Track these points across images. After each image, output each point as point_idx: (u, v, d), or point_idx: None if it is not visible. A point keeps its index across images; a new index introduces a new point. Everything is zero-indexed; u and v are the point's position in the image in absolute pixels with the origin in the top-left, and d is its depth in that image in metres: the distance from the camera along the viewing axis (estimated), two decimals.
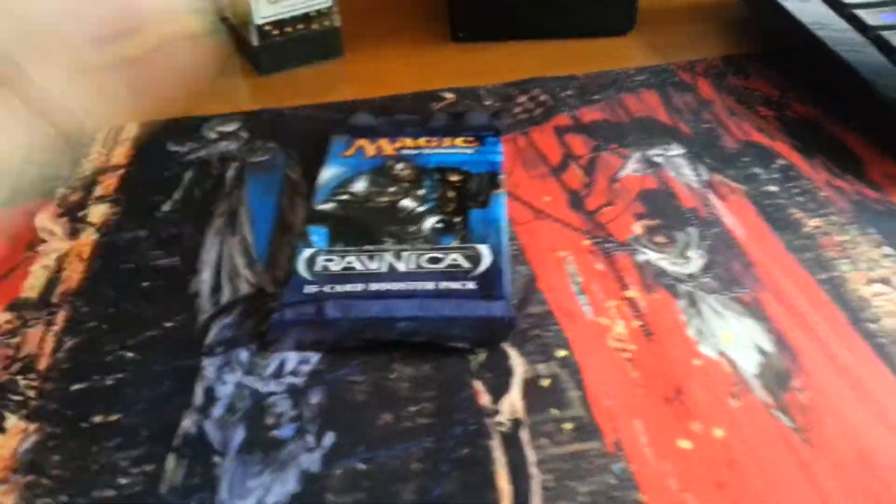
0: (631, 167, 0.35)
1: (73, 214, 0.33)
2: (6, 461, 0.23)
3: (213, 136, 0.39)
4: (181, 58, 0.46)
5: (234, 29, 0.48)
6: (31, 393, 0.25)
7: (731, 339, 0.26)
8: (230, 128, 0.40)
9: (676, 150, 0.36)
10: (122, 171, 0.36)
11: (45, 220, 0.33)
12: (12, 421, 0.24)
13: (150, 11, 0.32)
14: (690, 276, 0.29)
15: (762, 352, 0.25)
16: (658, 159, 0.35)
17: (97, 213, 0.33)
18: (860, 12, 0.40)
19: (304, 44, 0.46)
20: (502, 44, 0.48)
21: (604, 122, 0.38)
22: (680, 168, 0.34)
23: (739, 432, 0.23)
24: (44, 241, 0.32)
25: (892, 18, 0.39)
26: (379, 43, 0.49)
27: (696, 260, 0.29)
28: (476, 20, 0.48)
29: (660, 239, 0.30)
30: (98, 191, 0.35)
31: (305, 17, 0.46)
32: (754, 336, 0.26)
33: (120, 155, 0.37)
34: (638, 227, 0.31)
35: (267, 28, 0.45)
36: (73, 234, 0.32)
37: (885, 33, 0.38)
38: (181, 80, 0.45)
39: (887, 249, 0.29)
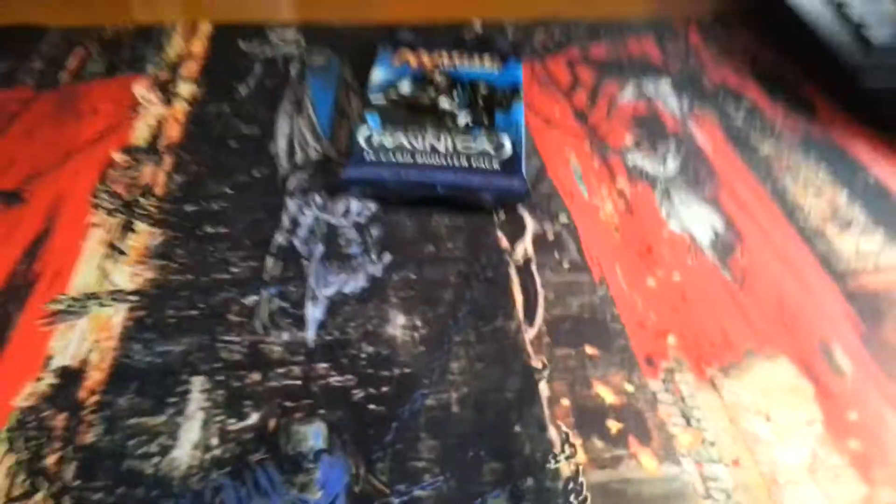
0: (627, 95, 0.42)
1: (164, 88, 0.40)
2: (141, 251, 0.30)
3: (276, 40, 0.46)
4: None
5: None
6: (153, 209, 0.32)
7: (693, 220, 0.33)
8: (290, 35, 0.46)
9: (665, 85, 0.43)
10: (201, 60, 0.43)
11: (142, 90, 0.39)
12: (141, 226, 0.31)
13: None
14: (666, 176, 0.36)
15: (715, 231, 0.33)
16: (649, 91, 0.43)
17: (185, 90, 0.40)
18: None
19: None
20: None
21: (608, 59, 0.46)
22: (666, 98, 0.42)
23: (692, 279, 0.31)
24: (143, 106, 0.38)
25: None
26: None
27: (671, 165, 0.37)
28: None
29: (645, 148, 0.38)
30: (182, 73, 0.41)
31: None
32: (711, 220, 0.34)
33: (198, 46, 0.44)
34: (628, 139, 0.39)
35: None
36: (167, 102, 0.39)
37: (846, 7, 0.45)
38: None
39: (822, 171, 0.37)
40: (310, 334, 0.27)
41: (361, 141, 0.35)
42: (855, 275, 0.31)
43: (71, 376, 0.25)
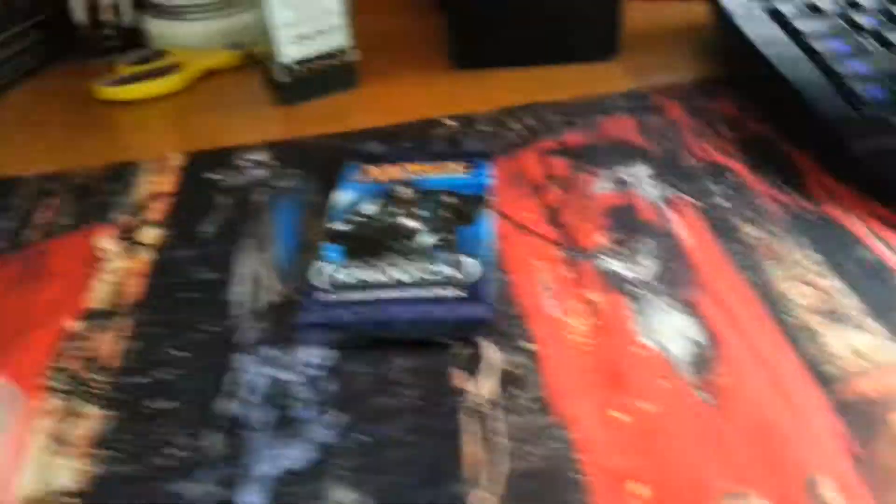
0: (602, 186, 0.40)
1: (128, 236, 0.40)
2: (87, 441, 0.29)
3: (245, 164, 0.45)
4: (218, 90, 0.53)
5: (262, 64, 0.55)
6: (105, 387, 0.31)
7: (669, 332, 0.31)
8: (260, 157, 0.46)
9: (644, 169, 0.41)
10: (170, 198, 0.43)
11: (104, 241, 0.39)
12: (91, 409, 0.30)
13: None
14: (642, 280, 0.34)
15: (693, 343, 0.31)
16: (627, 178, 0.41)
17: (150, 235, 0.40)
18: (812, 41, 0.44)
19: (325, 78, 0.53)
20: (498, 70, 0.53)
21: (584, 146, 0.44)
22: (645, 186, 0.40)
23: (665, 407, 0.28)
24: (103, 260, 0.38)
25: (839, 46, 0.44)
26: (389, 72, 0.55)
27: (648, 267, 0.35)
28: (472, 50, 0.54)
29: (620, 249, 0.36)
30: (149, 215, 0.41)
31: (326, 55, 0.52)
32: (689, 330, 0.31)
33: (168, 183, 0.44)
34: (603, 239, 0.37)
35: (291, 65, 0.51)
36: (130, 253, 0.38)
37: (832, 59, 0.43)
38: (219, 110, 0.52)
39: (812, 254, 0.34)
40: None
41: (317, 279, 0.34)
42: (847, 379, 0.28)
43: None
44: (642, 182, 0.40)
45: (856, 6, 0.47)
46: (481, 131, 0.47)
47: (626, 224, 0.37)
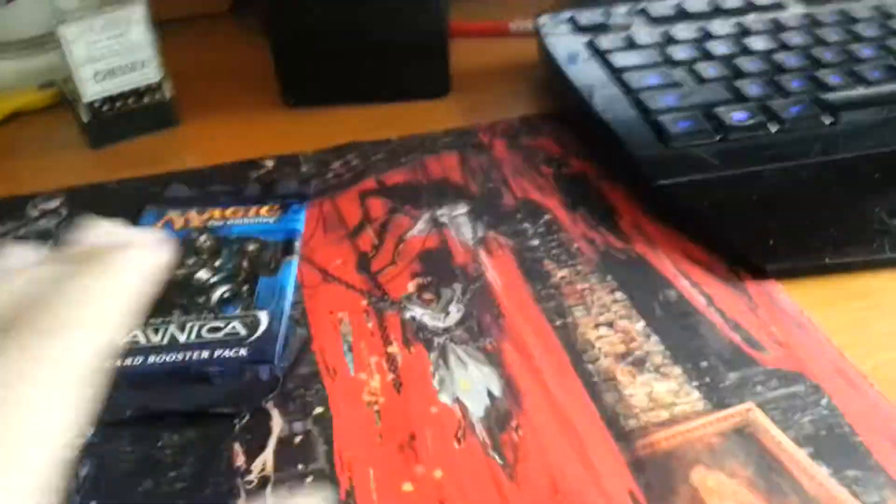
0: (418, 228, 0.39)
1: None
2: None
3: (35, 213, 0.41)
4: (25, 132, 0.48)
5: (71, 104, 0.50)
6: None
7: (468, 386, 0.29)
8: (52, 205, 0.42)
9: (461, 209, 0.40)
10: None
11: None
12: None
13: None
14: (446, 329, 0.32)
15: (491, 396, 0.29)
16: (443, 219, 0.39)
17: None
18: (627, 76, 0.45)
19: (136, 117, 0.49)
20: (331, 108, 0.51)
21: (405, 185, 0.42)
22: (460, 227, 0.38)
23: (456, 473, 0.26)
24: None
25: (655, 80, 0.44)
26: (215, 110, 0.52)
27: (454, 314, 0.33)
28: (304, 86, 0.52)
29: (428, 296, 0.34)
30: None
31: (136, 92, 0.48)
32: (488, 382, 0.30)
33: None
34: (411, 286, 0.35)
35: (97, 104, 0.47)
36: None
37: (644, 94, 0.43)
38: (22, 155, 0.47)
39: (619, 295, 0.34)
40: None
41: None
42: (645, 432, 0.27)
43: None
44: (459, 223, 0.39)
45: (673, 40, 0.48)
46: (303, 172, 0.44)
47: (438, 268, 0.36)
